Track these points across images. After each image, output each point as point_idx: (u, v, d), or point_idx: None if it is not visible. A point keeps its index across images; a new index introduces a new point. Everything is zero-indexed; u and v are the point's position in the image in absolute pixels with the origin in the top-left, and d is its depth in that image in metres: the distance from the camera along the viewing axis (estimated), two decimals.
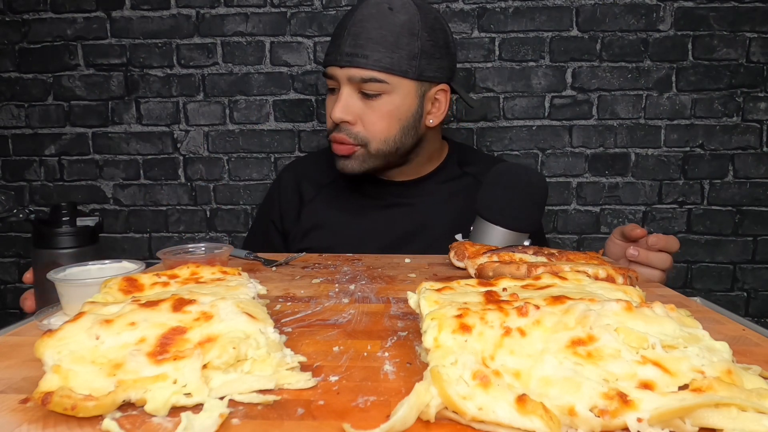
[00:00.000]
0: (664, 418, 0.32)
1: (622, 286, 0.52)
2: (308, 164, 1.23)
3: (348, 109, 1.01)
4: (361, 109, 1.01)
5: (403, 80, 1.00)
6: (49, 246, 0.78)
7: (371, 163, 1.05)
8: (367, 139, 1.03)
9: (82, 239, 0.78)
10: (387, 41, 0.98)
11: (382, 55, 0.98)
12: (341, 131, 1.02)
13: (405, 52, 0.99)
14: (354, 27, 0.99)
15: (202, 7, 1.58)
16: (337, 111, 1.00)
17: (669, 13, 1.50)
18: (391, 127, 1.03)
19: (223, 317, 0.44)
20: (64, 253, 0.77)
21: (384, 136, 1.03)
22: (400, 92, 1.01)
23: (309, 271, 0.81)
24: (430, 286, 0.52)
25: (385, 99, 1.01)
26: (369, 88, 0.99)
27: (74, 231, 0.77)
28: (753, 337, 0.51)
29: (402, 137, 1.04)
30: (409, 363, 0.45)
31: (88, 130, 1.65)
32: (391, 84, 0.99)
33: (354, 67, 0.98)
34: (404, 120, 1.03)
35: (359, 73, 0.98)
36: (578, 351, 0.37)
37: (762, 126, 1.53)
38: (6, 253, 1.72)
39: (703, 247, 1.58)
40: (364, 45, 0.97)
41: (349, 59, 0.98)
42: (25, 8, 1.60)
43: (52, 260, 0.77)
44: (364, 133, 1.02)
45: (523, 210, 0.92)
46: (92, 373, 0.38)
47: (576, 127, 1.56)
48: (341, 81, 1.01)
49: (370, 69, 0.98)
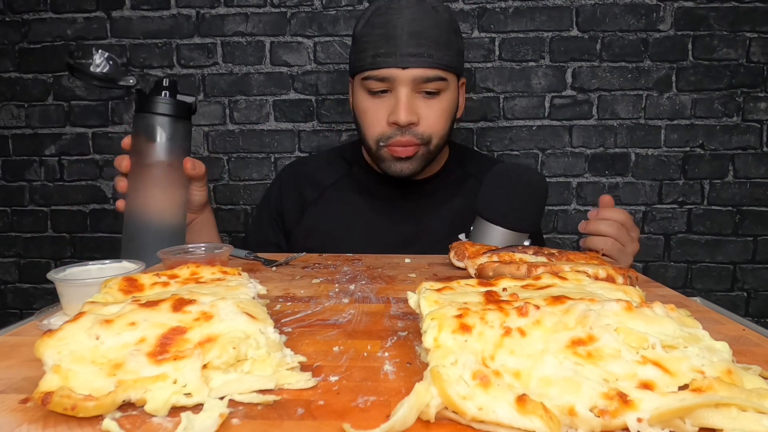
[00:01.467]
0: (664, 418, 0.32)
1: (622, 286, 0.52)
2: (309, 166, 1.23)
3: (413, 110, 1.00)
4: (423, 109, 1.02)
5: (454, 76, 1.04)
6: (149, 110, 0.87)
7: (427, 161, 1.07)
8: (430, 138, 1.04)
9: (178, 110, 0.88)
10: (443, 39, 1.00)
11: (442, 54, 0.99)
12: (406, 134, 1.01)
13: (455, 49, 1.03)
14: (409, 27, 0.98)
15: (202, 7, 1.58)
16: (404, 114, 0.99)
17: (669, 13, 1.50)
18: (447, 123, 1.06)
19: (223, 317, 0.44)
20: (161, 118, 0.88)
21: (442, 132, 1.05)
22: (452, 88, 1.05)
23: (309, 271, 0.81)
24: (430, 286, 0.52)
25: (443, 96, 1.03)
26: (431, 86, 1.00)
27: (172, 101, 0.88)
28: (753, 337, 0.51)
29: (450, 131, 1.09)
30: (409, 363, 0.45)
31: (88, 130, 1.65)
32: (448, 81, 1.02)
33: (419, 68, 0.98)
34: (452, 114, 1.07)
35: (425, 72, 0.98)
36: (578, 351, 0.37)
37: (762, 126, 1.53)
38: (6, 253, 1.72)
39: (703, 247, 1.58)
40: (426, 44, 0.98)
41: (414, 60, 0.98)
42: (25, 8, 1.60)
43: (149, 124, 0.88)
44: (429, 132, 1.03)
45: (523, 210, 0.92)
46: (92, 373, 0.38)
47: (576, 127, 1.56)
48: (400, 82, 0.99)
49: (434, 68, 0.99)
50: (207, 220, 1.06)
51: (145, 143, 0.89)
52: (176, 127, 0.89)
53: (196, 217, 1.03)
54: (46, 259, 1.71)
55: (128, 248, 0.91)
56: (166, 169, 0.90)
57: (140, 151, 0.89)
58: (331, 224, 1.13)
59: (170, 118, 0.88)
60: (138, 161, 0.90)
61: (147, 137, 0.89)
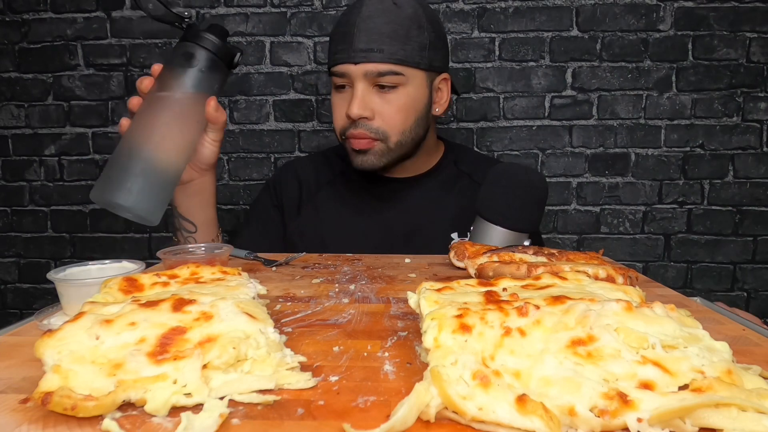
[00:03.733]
0: (664, 418, 0.32)
1: (622, 286, 0.52)
2: (307, 164, 1.24)
3: (366, 104, 1.01)
4: (378, 104, 1.02)
5: (416, 71, 1.03)
6: (194, 41, 0.83)
7: (389, 156, 1.06)
8: (386, 134, 1.04)
9: (222, 52, 0.84)
10: (399, 34, 1.00)
11: (396, 48, 1.00)
12: (359, 127, 1.03)
13: (416, 44, 1.01)
14: (364, 24, 1.00)
15: (202, 7, 1.58)
16: (355, 108, 1.01)
17: (669, 13, 1.50)
18: (407, 119, 1.04)
19: (223, 317, 0.44)
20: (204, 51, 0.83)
21: (402, 128, 1.04)
22: (414, 83, 1.03)
23: (309, 271, 0.81)
24: (430, 286, 0.52)
25: (401, 91, 1.02)
26: (385, 81, 1.01)
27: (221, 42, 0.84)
28: (753, 337, 0.51)
29: (416, 128, 1.06)
30: (409, 363, 0.45)
31: (88, 130, 1.65)
32: (406, 76, 1.01)
33: (370, 62, 0.99)
34: (418, 111, 1.05)
35: (376, 67, 1.00)
36: (578, 351, 0.37)
37: (762, 126, 1.53)
38: (6, 253, 1.72)
39: (703, 247, 1.58)
40: (377, 40, 0.99)
41: (364, 55, 0.99)
42: (25, 8, 1.60)
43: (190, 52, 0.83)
44: (384, 127, 1.03)
45: (524, 210, 0.92)
46: (92, 373, 0.38)
47: (576, 127, 1.56)
48: (355, 78, 1.01)
49: (386, 62, 0.99)
50: (208, 185, 0.98)
51: (177, 70, 0.84)
52: (215, 66, 0.86)
53: (197, 177, 0.96)
54: (46, 259, 1.71)
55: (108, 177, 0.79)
56: (189, 101, 0.84)
57: (167, 79, 0.84)
58: (326, 222, 1.15)
59: (213, 55, 0.84)
60: (160, 87, 0.83)
61: (182, 64, 0.84)
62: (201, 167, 0.95)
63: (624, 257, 1.59)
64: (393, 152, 1.06)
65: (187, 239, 0.99)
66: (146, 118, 0.83)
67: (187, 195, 0.97)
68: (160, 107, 0.82)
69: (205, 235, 0.99)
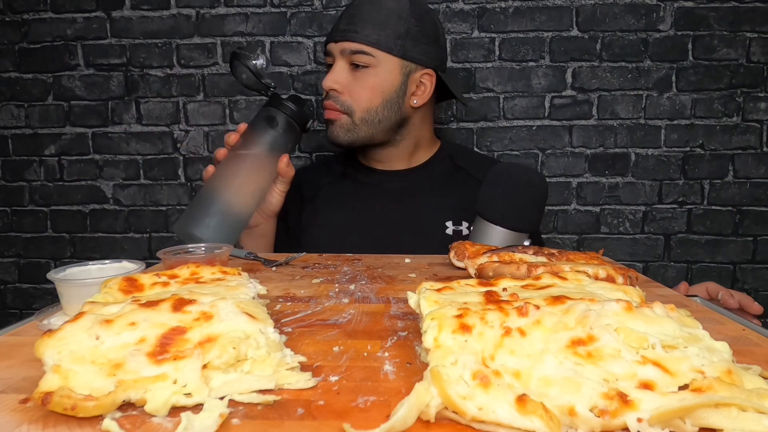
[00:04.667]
0: (664, 418, 0.32)
1: (622, 286, 0.52)
2: (306, 170, 1.32)
3: (337, 79, 1.11)
4: (349, 81, 1.12)
5: (388, 56, 1.10)
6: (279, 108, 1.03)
7: (356, 133, 1.14)
8: (352, 108, 1.12)
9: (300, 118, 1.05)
10: (376, 20, 1.09)
11: (370, 32, 1.09)
12: (330, 98, 1.13)
13: (392, 32, 1.10)
14: (350, 10, 1.12)
15: (202, 7, 1.58)
16: (328, 80, 1.12)
17: (669, 13, 1.50)
18: (374, 98, 1.12)
19: (223, 317, 0.44)
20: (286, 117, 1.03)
21: (366, 105, 1.12)
22: (385, 67, 1.11)
23: (309, 271, 0.81)
24: (430, 286, 0.52)
25: (371, 71, 1.11)
26: (357, 59, 1.10)
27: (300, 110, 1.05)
28: (753, 337, 0.51)
29: (384, 110, 1.13)
30: (409, 363, 0.45)
31: (88, 130, 1.65)
32: (377, 58, 1.10)
33: (346, 41, 1.10)
34: (387, 94, 1.12)
35: (349, 45, 1.09)
36: (578, 351, 0.37)
37: (762, 126, 1.53)
38: (6, 253, 1.72)
39: (703, 247, 1.58)
40: (356, 23, 1.10)
41: (342, 34, 1.10)
42: (25, 8, 1.60)
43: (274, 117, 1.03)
44: (350, 101, 1.12)
45: (523, 210, 0.92)
46: (92, 373, 0.38)
47: (576, 127, 1.56)
48: (335, 55, 1.12)
49: (359, 42, 1.09)
50: (270, 230, 1.14)
51: (260, 131, 1.02)
52: (292, 129, 1.04)
53: (262, 222, 1.11)
54: (46, 259, 1.71)
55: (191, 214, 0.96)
56: (266, 157, 1.01)
57: (250, 137, 1.01)
58: (327, 218, 1.19)
59: (291, 120, 1.03)
60: (243, 144, 1.01)
61: (264, 126, 1.02)
62: (267, 213, 1.10)
63: (624, 257, 1.59)
64: (359, 129, 1.13)
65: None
66: (228, 169, 0.99)
67: (251, 238, 1.12)
68: (242, 161, 1.00)
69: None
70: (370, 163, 1.24)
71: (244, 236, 1.10)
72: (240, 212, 0.98)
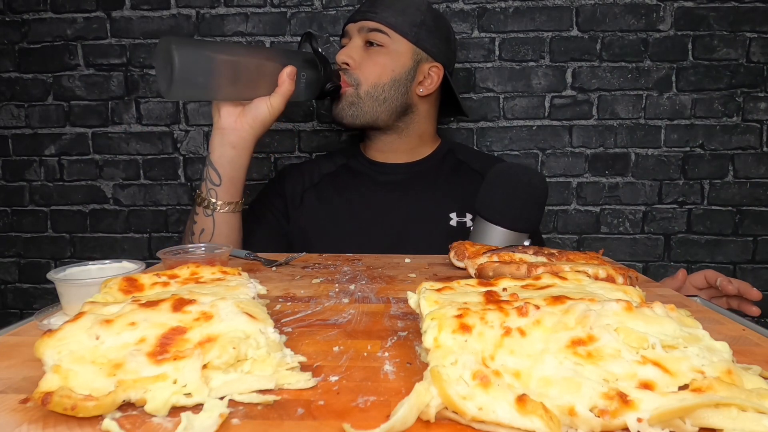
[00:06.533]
0: (664, 418, 0.32)
1: (622, 286, 0.52)
2: (306, 164, 1.32)
3: (351, 54, 1.16)
4: (362, 57, 1.16)
5: (402, 40, 1.16)
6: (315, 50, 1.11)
7: (360, 108, 1.17)
8: (359, 81, 1.16)
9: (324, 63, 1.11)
10: (396, 7, 1.16)
11: (389, 14, 1.15)
12: (343, 73, 1.17)
13: (408, 19, 1.16)
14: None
15: (202, 7, 1.58)
16: (341, 54, 1.17)
17: (669, 13, 1.50)
18: (383, 75, 1.16)
19: (223, 317, 0.44)
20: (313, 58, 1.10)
21: (375, 81, 1.16)
22: (398, 49, 1.16)
23: (309, 271, 0.81)
24: (430, 286, 0.52)
25: (383, 50, 1.16)
26: (373, 37, 1.15)
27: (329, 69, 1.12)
28: (753, 337, 0.51)
29: (391, 89, 1.17)
30: (409, 363, 0.45)
31: (88, 130, 1.65)
32: (392, 38, 1.15)
33: (365, 20, 1.16)
34: (396, 74, 1.17)
35: (368, 24, 1.15)
36: (578, 351, 0.37)
37: (762, 126, 1.53)
38: (6, 253, 1.72)
39: (703, 247, 1.58)
40: (377, 5, 1.16)
41: (362, 14, 1.17)
42: (25, 8, 1.60)
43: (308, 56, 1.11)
44: (359, 75, 1.16)
45: (524, 210, 0.92)
46: (92, 373, 0.38)
47: (576, 127, 1.56)
48: (353, 34, 1.18)
49: (377, 21, 1.15)
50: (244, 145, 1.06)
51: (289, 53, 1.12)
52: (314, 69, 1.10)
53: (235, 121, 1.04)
54: (46, 259, 1.71)
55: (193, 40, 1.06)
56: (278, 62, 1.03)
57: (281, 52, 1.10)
58: (327, 208, 1.20)
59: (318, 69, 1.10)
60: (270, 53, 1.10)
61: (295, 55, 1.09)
62: (249, 121, 1.04)
63: (624, 257, 1.59)
64: (363, 103, 1.16)
65: (209, 192, 1.03)
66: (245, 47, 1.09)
67: (223, 142, 1.04)
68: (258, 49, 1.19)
69: (226, 194, 1.04)
70: (374, 154, 1.26)
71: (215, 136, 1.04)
72: (223, 72, 0.95)
